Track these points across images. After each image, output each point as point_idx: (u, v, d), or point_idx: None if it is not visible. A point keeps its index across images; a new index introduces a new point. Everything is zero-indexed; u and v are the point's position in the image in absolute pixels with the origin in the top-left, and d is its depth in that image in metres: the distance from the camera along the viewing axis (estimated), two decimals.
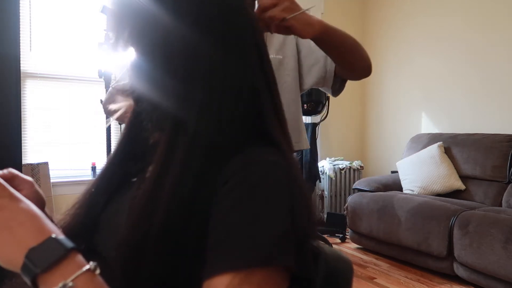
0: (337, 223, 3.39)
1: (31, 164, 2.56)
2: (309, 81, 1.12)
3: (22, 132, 2.29)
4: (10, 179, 0.56)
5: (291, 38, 1.14)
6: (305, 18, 0.78)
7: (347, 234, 3.32)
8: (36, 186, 0.60)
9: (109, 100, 1.17)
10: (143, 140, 0.60)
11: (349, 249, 3.13)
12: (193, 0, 0.51)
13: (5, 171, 0.56)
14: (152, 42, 0.51)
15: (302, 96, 1.20)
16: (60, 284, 0.37)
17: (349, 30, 0.91)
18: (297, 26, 0.77)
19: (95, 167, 2.85)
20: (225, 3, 0.52)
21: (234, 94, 0.51)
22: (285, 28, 0.77)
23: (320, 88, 1.16)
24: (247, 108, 0.52)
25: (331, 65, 1.06)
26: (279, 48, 1.13)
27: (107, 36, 2.00)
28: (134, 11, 0.52)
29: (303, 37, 0.80)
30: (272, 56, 1.08)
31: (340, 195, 3.69)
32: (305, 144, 1.18)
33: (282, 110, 0.58)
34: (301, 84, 1.15)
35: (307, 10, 0.80)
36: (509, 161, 2.74)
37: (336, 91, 1.12)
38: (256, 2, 0.77)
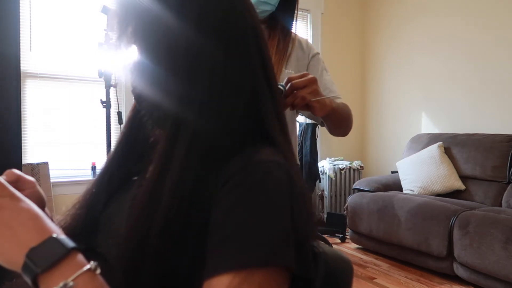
0: (337, 223, 3.39)
1: (31, 164, 2.56)
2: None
3: (22, 132, 2.29)
4: (14, 181, 0.56)
5: (303, 70, 1.22)
6: (323, 100, 0.89)
7: (347, 234, 3.32)
8: (38, 186, 0.60)
9: None
10: (143, 138, 0.61)
11: (349, 249, 3.13)
12: (196, 0, 0.51)
13: (7, 172, 0.56)
14: (155, 40, 0.51)
15: None
16: (61, 284, 0.37)
17: (349, 30, 0.96)
18: (317, 107, 0.88)
19: (95, 167, 2.85)
20: (228, 5, 0.52)
21: (235, 95, 0.51)
22: (305, 105, 0.87)
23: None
24: (247, 108, 0.52)
25: None
26: (295, 66, 1.20)
27: (107, 36, 2.00)
28: (138, 9, 0.52)
29: (317, 115, 0.92)
30: (288, 70, 1.17)
31: (340, 195, 3.69)
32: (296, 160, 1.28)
33: (283, 111, 0.58)
34: None
35: (330, 97, 0.95)
36: (509, 161, 2.74)
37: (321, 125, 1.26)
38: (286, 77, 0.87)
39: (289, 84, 0.84)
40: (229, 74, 0.51)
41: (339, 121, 1.08)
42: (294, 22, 1.17)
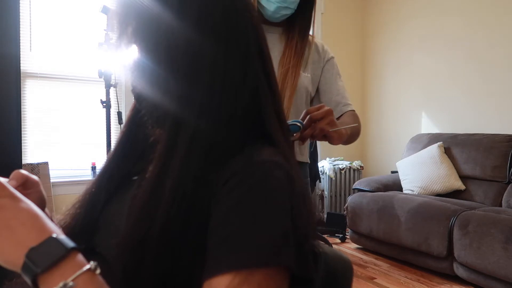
0: (337, 223, 3.38)
1: (31, 164, 2.56)
2: None
3: (22, 132, 2.29)
4: (22, 182, 0.56)
5: (318, 72, 1.24)
6: (339, 129, 0.94)
7: (347, 234, 3.32)
8: (41, 187, 0.60)
9: None
10: (143, 138, 0.60)
11: (349, 249, 3.13)
12: (196, 0, 0.51)
13: (15, 173, 0.56)
14: (155, 40, 0.51)
15: None
16: (61, 284, 0.37)
17: (349, 30, 0.96)
18: (335, 137, 0.91)
19: (95, 167, 2.85)
20: (228, 4, 0.52)
21: (235, 95, 0.51)
22: (323, 136, 0.91)
23: None
24: (247, 108, 0.52)
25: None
26: (311, 69, 1.22)
27: (107, 36, 2.00)
28: (138, 9, 0.52)
29: (334, 144, 0.95)
30: (305, 74, 1.19)
31: (340, 195, 3.69)
32: (306, 158, 1.28)
33: (283, 111, 0.58)
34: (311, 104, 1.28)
35: (347, 127, 0.99)
36: (509, 161, 2.74)
37: None
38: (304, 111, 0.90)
39: (308, 116, 0.88)
40: (229, 74, 0.51)
41: (349, 141, 1.12)
42: (311, 25, 1.19)
